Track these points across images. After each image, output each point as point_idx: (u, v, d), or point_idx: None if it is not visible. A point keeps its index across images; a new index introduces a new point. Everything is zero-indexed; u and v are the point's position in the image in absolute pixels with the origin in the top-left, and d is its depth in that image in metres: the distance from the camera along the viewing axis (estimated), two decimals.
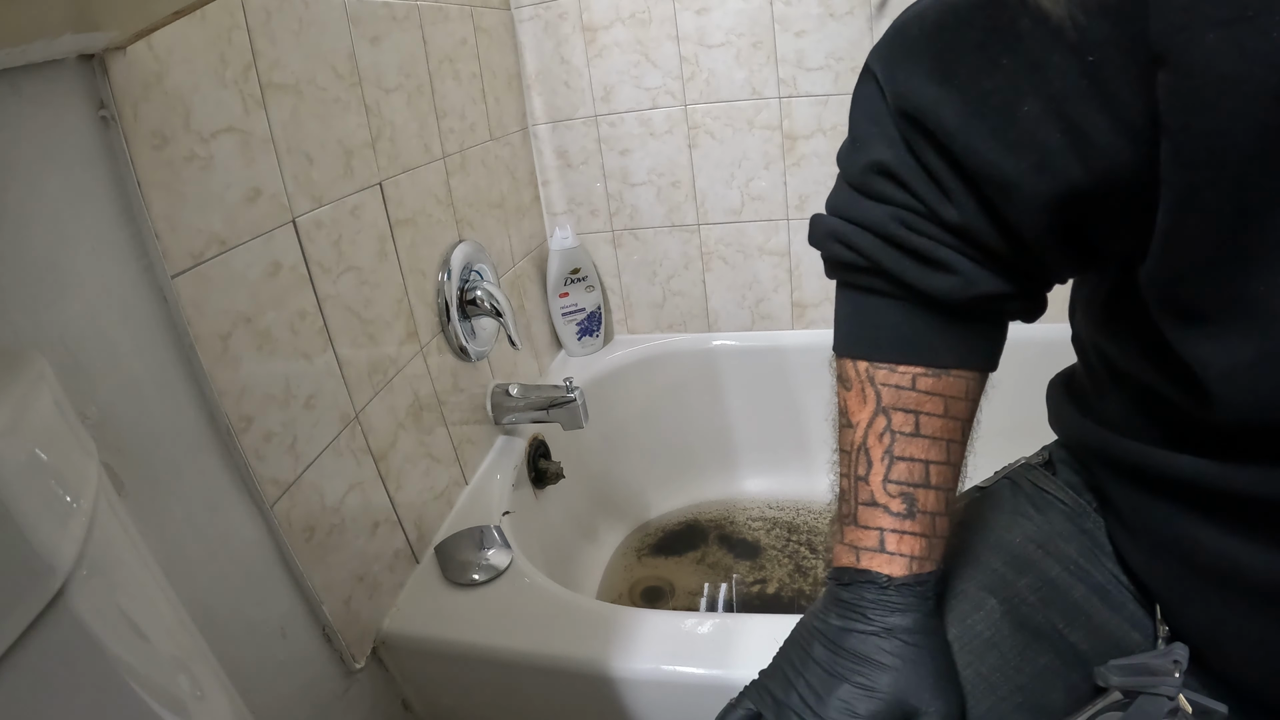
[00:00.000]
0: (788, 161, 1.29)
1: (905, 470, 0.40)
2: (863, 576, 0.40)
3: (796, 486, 1.45)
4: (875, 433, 0.41)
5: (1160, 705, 0.37)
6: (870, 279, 0.41)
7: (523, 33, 1.29)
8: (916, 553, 0.40)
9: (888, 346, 0.41)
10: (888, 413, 0.40)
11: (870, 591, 0.40)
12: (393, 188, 0.89)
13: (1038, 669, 0.42)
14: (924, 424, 0.40)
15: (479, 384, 1.10)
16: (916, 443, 0.40)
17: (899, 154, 0.37)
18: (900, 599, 0.39)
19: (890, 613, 0.39)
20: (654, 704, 0.74)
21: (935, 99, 0.34)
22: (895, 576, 0.40)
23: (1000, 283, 0.38)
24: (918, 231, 0.37)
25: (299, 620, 0.70)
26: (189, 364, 0.58)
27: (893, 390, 0.40)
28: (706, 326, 1.46)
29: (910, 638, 0.39)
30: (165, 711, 0.32)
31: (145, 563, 0.36)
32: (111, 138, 0.52)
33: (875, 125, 0.38)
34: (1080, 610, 0.43)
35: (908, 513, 0.40)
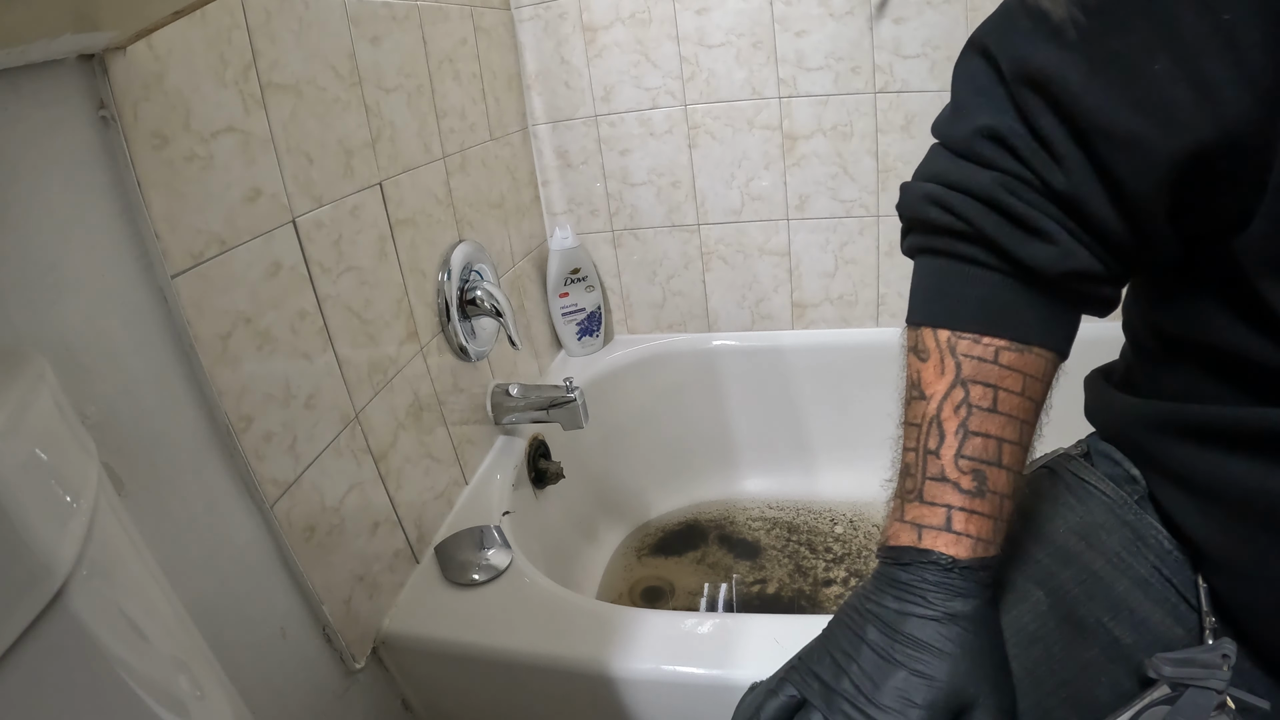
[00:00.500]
0: (788, 161, 1.29)
1: (979, 446, 0.39)
2: (925, 557, 0.38)
3: (796, 486, 1.45)
4: (952, 405, 0.39)
5: (1209, 699, 0.36)
6: (966, 245, 0.40)
7: (523, 33, 1.29)
8: (983, 535, 0.38)
9: (973, 317, 0.40)
10: (966, 385, 0.39)
11: (932, 573, 0.38)
12: (393, 188, 0.89)
13: (1083, 663, 0.41)
14: (1002, 400, 0.39)
15: (479, 384, 1.10)
16: (993, 419, 0.39)
17: (1009, 121, 0.37)
18: (963, 583, 0.38)
19: (952, 597, 0.37)
20: (654, 704, 0.74)
21: (1060, 61, 0.34)
22: (960, 559, 0.38)
23: (1093, 261, 0.37)
24: (1022, 198, 0.37)
25: (299, 620, 0.70)
26: (189, 364, 0.58)
27: (974, 362, 0.39)
28: (706, 326, 1.46)
29: (971, 626, 0.37)
30: (165, 711, 0.32)
31: (145, 563, 0.36)
32: (111, 138, 0.52)
33: (982, 95, 0.38)
34: (1124, 604, 0.42)
35: (978, 491, 0.38)
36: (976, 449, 0.39)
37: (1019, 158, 0.37)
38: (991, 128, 0.37)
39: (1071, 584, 0.43)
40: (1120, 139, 0.33)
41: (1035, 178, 0.37)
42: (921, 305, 0.42)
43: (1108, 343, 0.52)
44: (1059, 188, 0.36)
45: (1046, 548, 0.45)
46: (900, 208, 0.44)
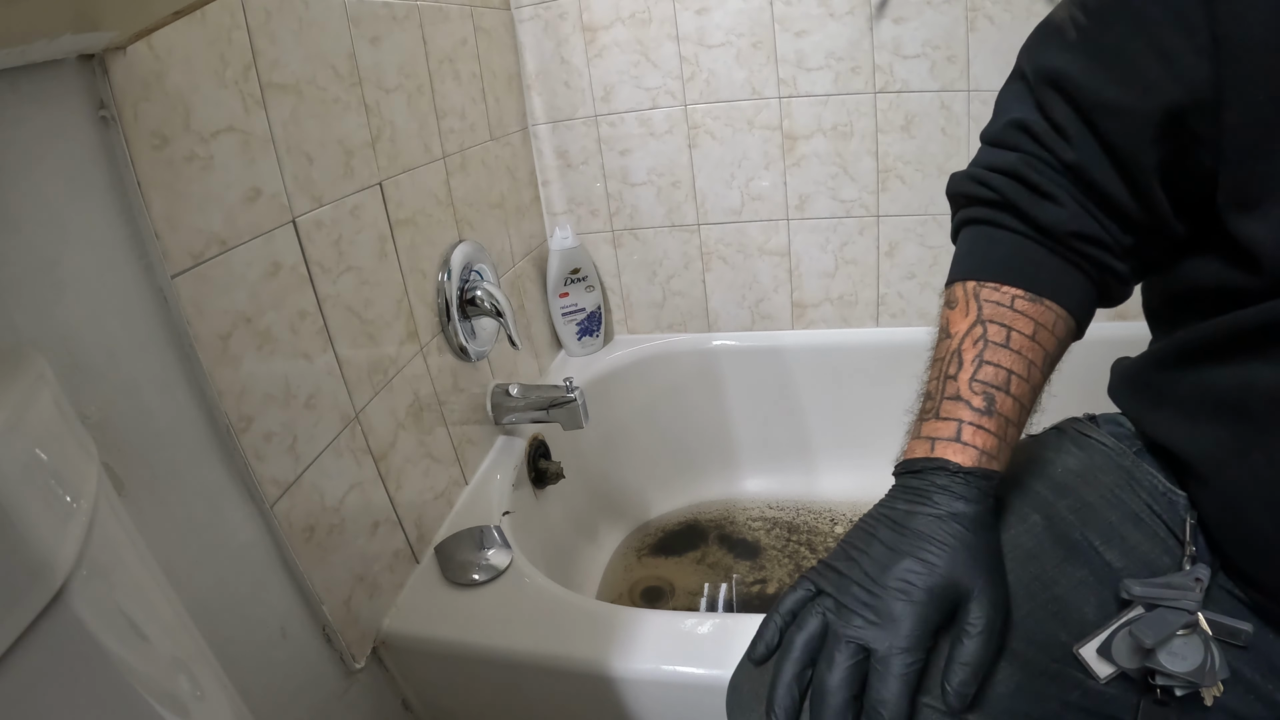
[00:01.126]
0: (788, 161, 1.29)
1: (991, 373, 0.44)
2: (934, 463, 0.43)
3: (796, 486, 1.45)
4: (971, 338, 0.46)
5: (1179, 617, 0.39)
6: (994, 212, 0.48)
7: (523, 33, 1.29)
8: (988, 448, 0.43)
9: (996, 269, 0.47)
10: (985, 323, 0.46)
11: (940, 477, 0.42)
12: (393, 188, 0.89)
13: (1073, 582, 0.44)
14: (1014, 339, 0.45)
15: (479, 384, 1.10)
16: (1004, 352, 0.45)
17: (1032, 114, 0.46)
18: (965, 488, 0.42)
19: (955, 499, 0.42)
20: (654, 704, 0.74)
21: (1066, 59, 0.43)
22: (965, 465, 0.42)
23: (1097, 227, 0.45)
24: (1039, 171, 0.45)
25: (299, 620, 0.70)
26: (189, 364, 0.58)
27: (993, 305, 0.46)
28: (706, 326, 1.46)
29: (970, 525, 0.41)
30: (165, 711, 0.32)
31: (145, 563, 0.36)
32: (111, 138, 0.52)
33: (1013, 100, 0.47)
34: (1115, 531, 0.46)
35: (986, 410, 0.43)
36: (988, 375, 0.44)
37: (1038, 140, 0.45)
38: (1018, 119, 0.46)
39: (1067, 511, 0.47)
40: (1111, 108, 0.42)
41: (1050, 154, 0.45)
42: (956, 266, 0.50)
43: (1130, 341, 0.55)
44: (1068, 159, 0.44)
45: (1045, 482, 0.49)
46: (948, 191, 0.52)
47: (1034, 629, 0.43)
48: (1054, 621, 0.43)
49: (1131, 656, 0.40)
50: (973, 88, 1.16)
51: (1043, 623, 0.43)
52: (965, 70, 1.15)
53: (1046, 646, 0.43)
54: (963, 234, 0.51)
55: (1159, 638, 0.39)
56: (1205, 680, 0.38)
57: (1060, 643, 0.43)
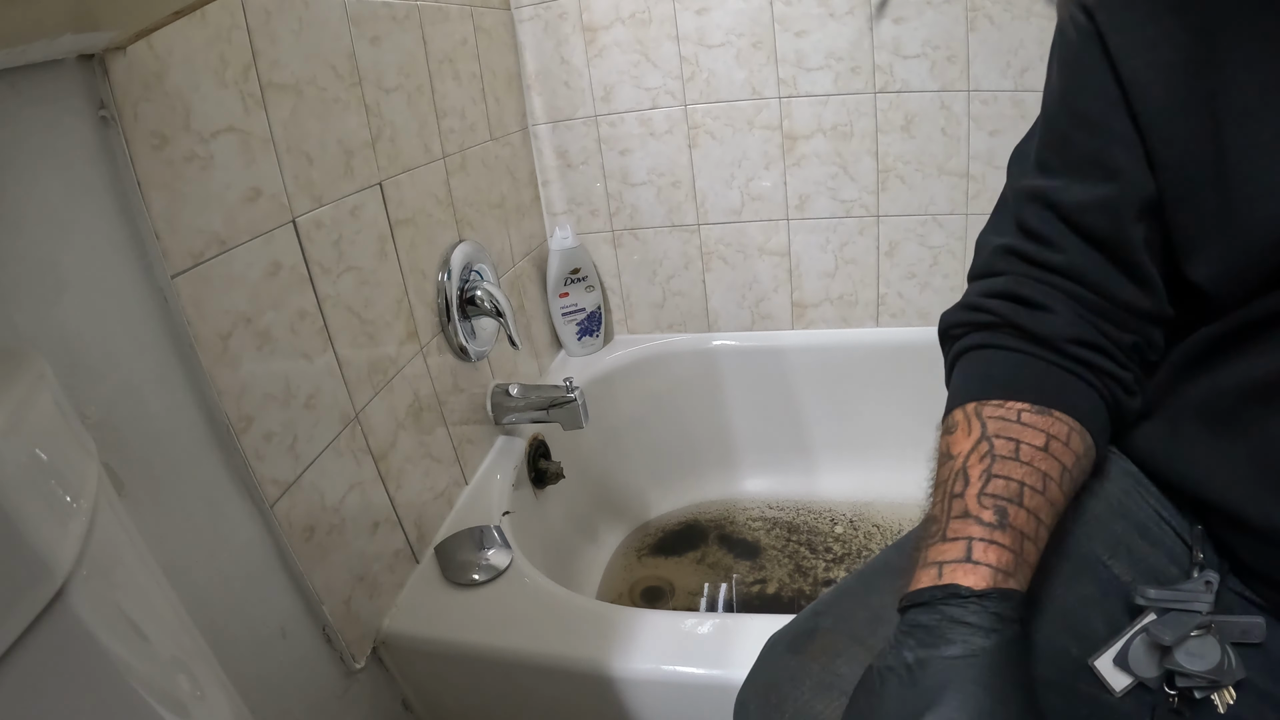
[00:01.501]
0: (788, 161, 1.29)
1: (1001, 485, 0.40)
2: (944, 591, 0.37)
3: (796, 486, 1.45)
4: (977, 454, 0.42)
5: (1192, 618, 0.38)
6: (992, 335, 0.47)
7: (523, 33, 1.29)
8: (1002, 564, 0.38)
9: (998, 387, 0.45)
10: (991, 440, 0.42)
11: (953, 607, 0.37)
12: (393, 188, 0.89)
13: (1080, 596, 0.43)
14: (1023, 451, 0.41)
15: (479, 384, 1.10)
16: (1014, 465, 0.41)
17: (1012, 238, 0.48)
18: (981, 616, 0.36)
19: (972, 633, 0.36)
20: (654, 704, 0.74)
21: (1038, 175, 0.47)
22: (978, 589, 0.37)
23: (1095, 332, 0.45)
24: (1030, 287, 0.46)
25: (299, 620, 0.70)
26: (189, 364, 0.58)
27: (998, 421, 0.43)
28: (706, 326, 1.46)
29: (996, 663, 0.35)
30: (165, 711, 0.32)
31: (145, 563, 0.36)
32: (111, 138, 0.52)
33: (993, 233, 0.50)
34: (1121, 543, 0.45)
35: (999, 524, 0.39)
36: (999, 488, 0.40)
37: (1024, 258, 0.47)
38: (1000, 246, 0.48)
39: (1072, 524, 0.45)
40: (1088, 205, 0.44)
41: (1038, 268, 0.46)
42: (954, 395, 0.47)
43: None
44: (1057, 263, 0.45)
45: None
46: (940, 329, 0.51)
47: (1042, 645, 0.41)
48: (1063, 636, 0.42)
49: (1149, 662, 0.39)
50: (973, 88, 1.16)
51: (1051, 638, 0.41)
52: (965, 70, 1.15)
53: (1056, 661, 0.41)
54: (959, 364, 0.49)
55: (1177, 636, 0.38)
56: (1224, 678, 0.38)
57: (1071, 657, 0.41)
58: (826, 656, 0.44)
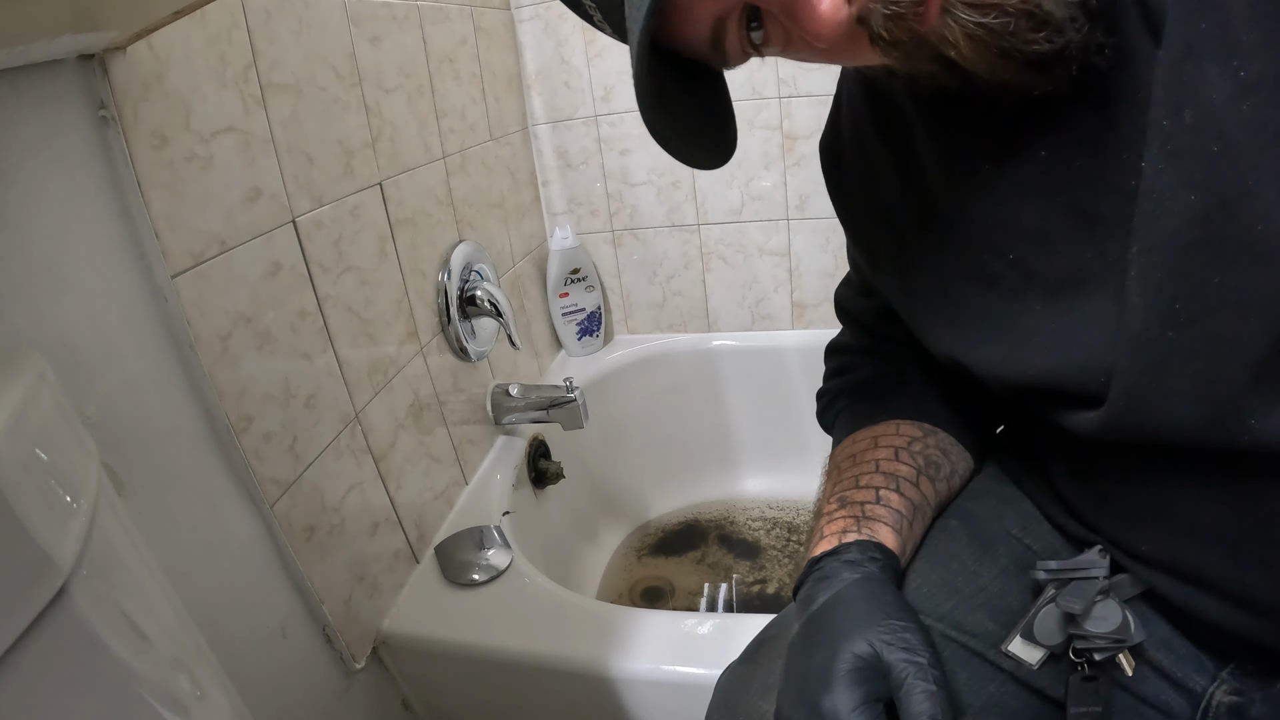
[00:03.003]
0: (788, 161, 1.29)
1: (842, 484, 0.50)
2: (808, 565, 0.45)
3: (796, 486, 1.45)
4: (830, 481, 0.53)
5: (1093, 585, 0.42)
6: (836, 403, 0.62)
7: (523, 33, 1.29)
8: (844, 529, 0.46)
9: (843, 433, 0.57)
10: (838, 466, 0.53)
11: (815, 571, 0.44)
12: (393, 188, 0.89)
13: (996, 571, 0.47)
14: (859, 456, 0.52)
15: (479, 384, 1.10)
16: (850, 466, 0.51)
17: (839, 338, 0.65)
18: (839, 566, 0.43)
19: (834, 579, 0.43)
20: (654, 704, 0.74)
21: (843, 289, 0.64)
22: (828, 549, 0.45)
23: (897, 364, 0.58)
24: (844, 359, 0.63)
25: (299, 620, 0.70)
26: (189, 364, 0.58)
27: (840, 454, 0.55)
28: (706, 326, 1.46)
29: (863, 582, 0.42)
30: (165, 711, 0.32)
31: (145, 563, 0.36)
32: (111, 138, 0.52)
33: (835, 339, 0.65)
34: (1032, 517, 0.50)
35: (839, 507, 0.48)
36: (840, 488, 0.50)
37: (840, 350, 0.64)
38: (831, 346, 0.65)
39: (984, 511, 0.51)
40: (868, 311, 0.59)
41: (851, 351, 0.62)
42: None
43: None
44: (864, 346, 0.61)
45: (964, 494, 0.53)
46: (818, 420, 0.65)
47: (963, 620, 0.44)
48: (981, 612, 0.45)
49: (1055, 630, 0.42)
50: None
51: (971, 614, 0.45)
52: None
53: (977, 635, 0.44)
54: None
55: (1084, 603, 0.41)
56: (1127, 637, 0.40)
57: (989, 631, 0.44)
58: (769, 661, 0.46)
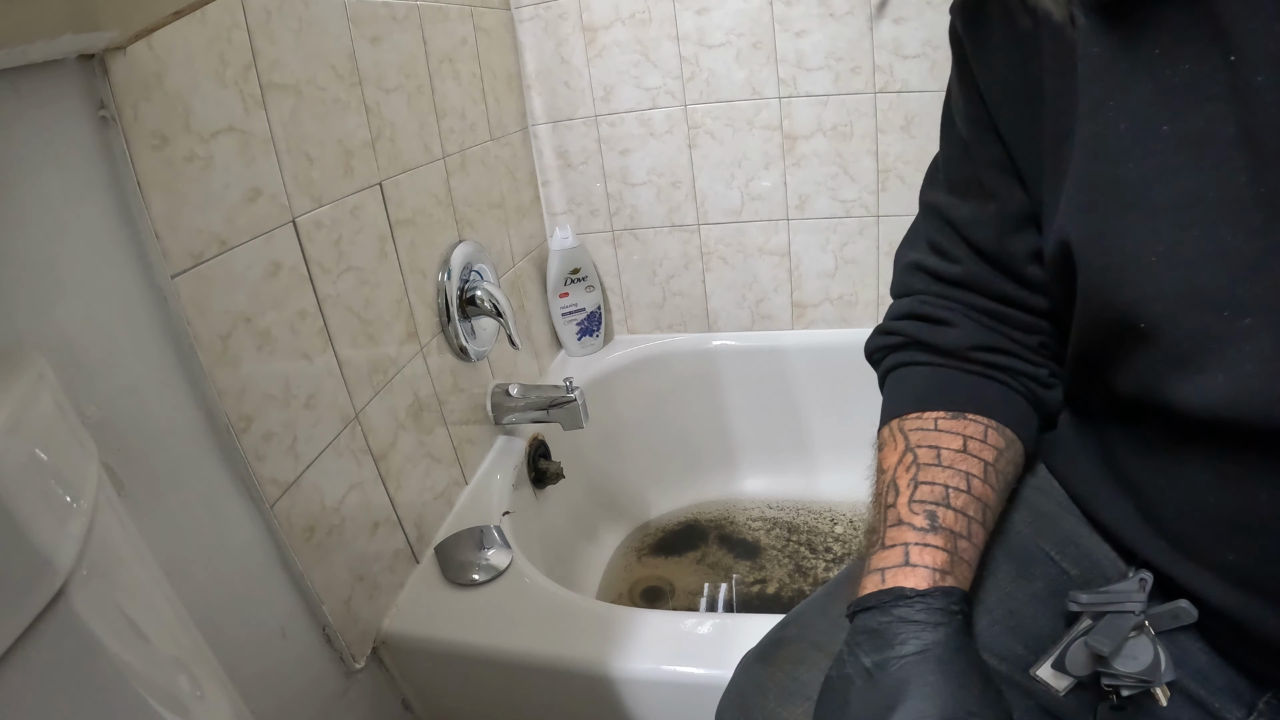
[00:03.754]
0: (788, 161, 1.29)
1: (928, 491, 0.43)
2: (890, 594, 0.39)
3: (796, 486, 1.45)
4: (903, 466, 0.45)
5: (1126, 620, 0.39)
6: (904, 353, 0.51)
7: (523, 33, 1.29)
8: (938, 564, 0.40)
9: (915, 401, 0.48)
10: (914, 450, 0.45)
11: (900, 608, 0.39)
12: (393, 188, 0.89)
13: (1029, 594, 0.45)
14: (944, 456, 0.44)
15: (479, 384, 1.10)
16: (937, 470, 0.44)
17: (920, 252, 0.51)
18: (929, 614, 0.38)
19: (923, 629, 0.38)
20: (654, 704, 0.74)
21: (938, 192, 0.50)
22: (921, 589, 0.39)
23: (997, 336, 0.48)
24: (932, 304, 0.49)
25: (299, 620, 0.70)
26: (189, 364, 0.58)
27: (918, 432, 0.46)
28: (706, 326, 1.46)
29: (950, 653, 0.37)
30: (165, 711, 0.32)
31: (145, 563, 0.36)
32: (111, 138, 0.52)
33: (908, 246, 0.52)
34: (1069, 539, 0.47)
35: (930, 527, 0.41)
36: (925, 494, 0.43)
37: (928, 271, 0.50)
38: (909, 262, 0.52)
39: (1022, 524, 0.47)
40: (977, 221, 0.47)
41: (942, 282, 0.49)
42: (881, 414, 0.51)
43: None
44: (957, 276, 0.48)
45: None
46: (865, 353, 0.55)
47: (992, 643, 0.43)
48: (1010, 636, 0.43)
49: (1084, 662, 0.40)
50: None
51: (1000, 637, 0.43)
52: None
53: (1006, 659, 0.43)
54: (885, 385, 0.53)
55: (1115, 645, 0.38)
56: (1155, 678, 0.39)
57: (1018, 655, 0.43)
58: (790, 665, 0.45)
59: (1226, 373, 0.33)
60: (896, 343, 0.51)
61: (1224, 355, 0.33)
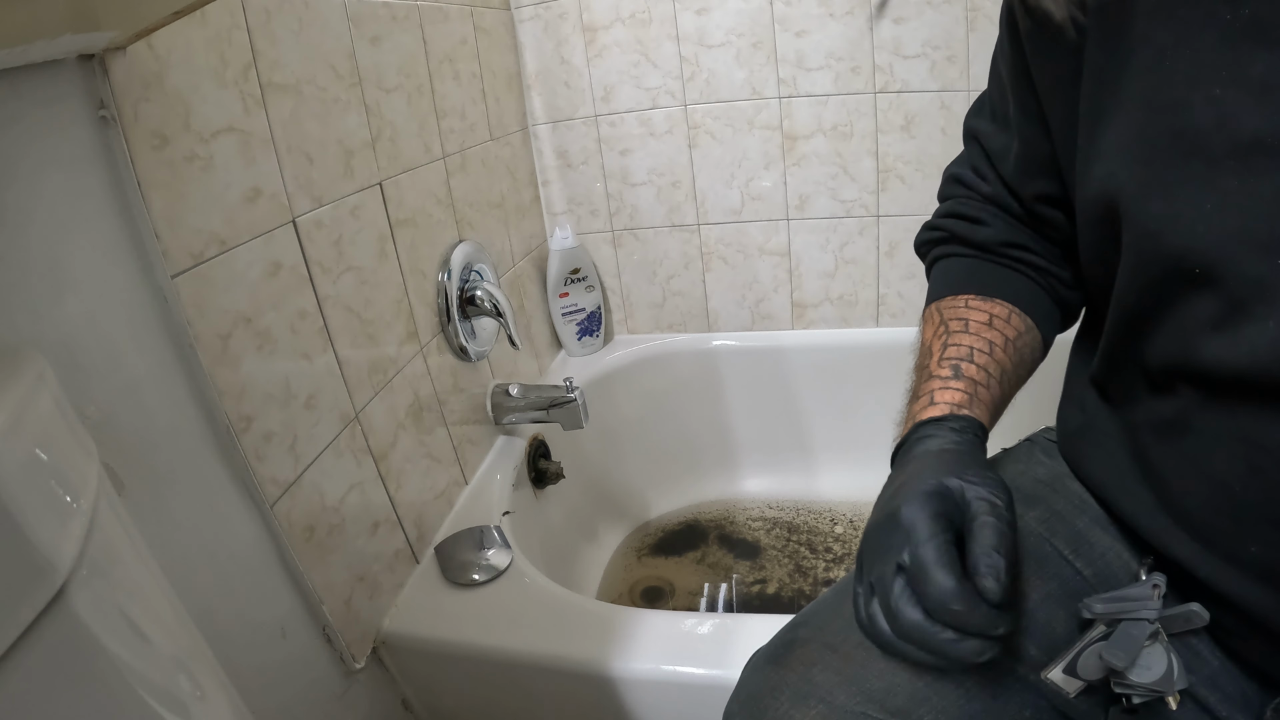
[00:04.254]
0: (788, 161, 1.29)
1: (954, 351, 0.50)
2: (916, 432, 0.46)
3: (796, 486, 1.45)
4: (938, 337, 0.52)
5: (1142, 629, 0.39)
6: (946, 246, 0.57)
7: (523, 33, 1.29)
8: (956, 401, 0.47)
9: (953, 286, 0.55)
10: (947, 323, 0.53)
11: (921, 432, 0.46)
12: (393, 188, 0.89)
13: (1042, 595, 0.45)
14: (971, 326, 0.51)
15: (479, 384, 1.10)
16: (964, 336, 0.51)
17: (962, 168, 0.57)
18: (944, 431, 0.45)
19: (935, 440, 0.44)
20: (654, 704, 0.74)
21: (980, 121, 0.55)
22: (939, 415, 0.46)
23: (1025, 237, 0.53)
24: (970, 205, 0.56)
25: (299, 620, 0.70)
26: (189, 364, 0.58)
27: (950, 309, 0.53)
28: (706, 326, 1.46)
29: (956, 448, 0.43)
30: (165, 711, 0.32)
31: (145, 563, 0.36)
32: (111, 138, 0.52)
33: (955, 163, 0.58)
34: (1083, 537, 0.47)
35: (954, 375, 0.49)
36: (952, 353, 0.50)
37: (965, 185, 0.57)
38: (951, 174, 0.58)
39: (1035, 522, 0.48)
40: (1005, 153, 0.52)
41: (976, 193, 0.56)
42: (929, 296, 0.58)
43: None
44: (985, 192, 0.55)
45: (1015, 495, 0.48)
46: (915, 246, 0.62)
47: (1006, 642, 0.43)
48: (1023, 636, 0.43)
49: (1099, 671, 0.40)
50: (973, 88, 1.16)
51: (1013, 636, 0.43)
52: (965, 70, 1.15)
53: (1018, 658, 0.43)
54: (931, 273, 0.60)
55: (1130, 658, 0.39)
56: (1168, 688, 0.38)
57: (1030, 655, 0.43)
58: (803, 666, 0.45)
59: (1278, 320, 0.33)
60: (939, 237, 0.58)
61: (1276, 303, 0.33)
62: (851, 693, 0.43)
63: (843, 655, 0.44)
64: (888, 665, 0.43)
